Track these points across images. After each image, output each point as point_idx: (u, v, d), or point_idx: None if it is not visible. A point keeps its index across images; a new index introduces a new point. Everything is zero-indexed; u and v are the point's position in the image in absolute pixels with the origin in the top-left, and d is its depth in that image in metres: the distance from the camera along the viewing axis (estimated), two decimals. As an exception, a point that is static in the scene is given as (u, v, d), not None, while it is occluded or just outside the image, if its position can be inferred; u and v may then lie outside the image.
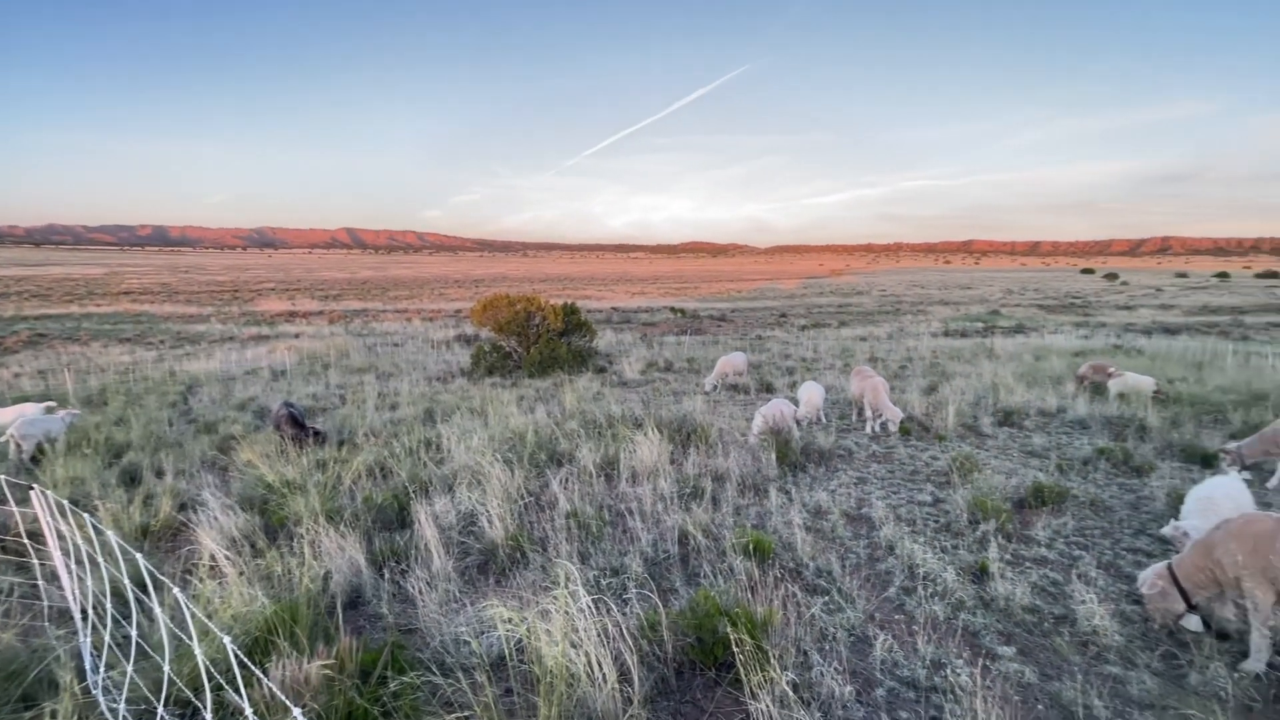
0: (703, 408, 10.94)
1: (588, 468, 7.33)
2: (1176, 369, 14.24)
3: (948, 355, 19.72)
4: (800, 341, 27.33)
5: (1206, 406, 10.37)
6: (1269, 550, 3.73)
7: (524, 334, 18.69)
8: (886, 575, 5.00)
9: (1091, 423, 9.93)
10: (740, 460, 7.74)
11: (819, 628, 4.21)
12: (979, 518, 5.89)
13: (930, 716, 3.40)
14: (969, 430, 9.88)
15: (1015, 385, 12.65)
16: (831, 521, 6.01)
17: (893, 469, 7.94)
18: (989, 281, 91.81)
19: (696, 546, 5.35)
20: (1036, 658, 3.95)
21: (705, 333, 34.25)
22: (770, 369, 18.11)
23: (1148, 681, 3.67)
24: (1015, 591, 4.55)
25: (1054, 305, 45.85)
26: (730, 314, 47.08)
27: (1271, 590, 3.74)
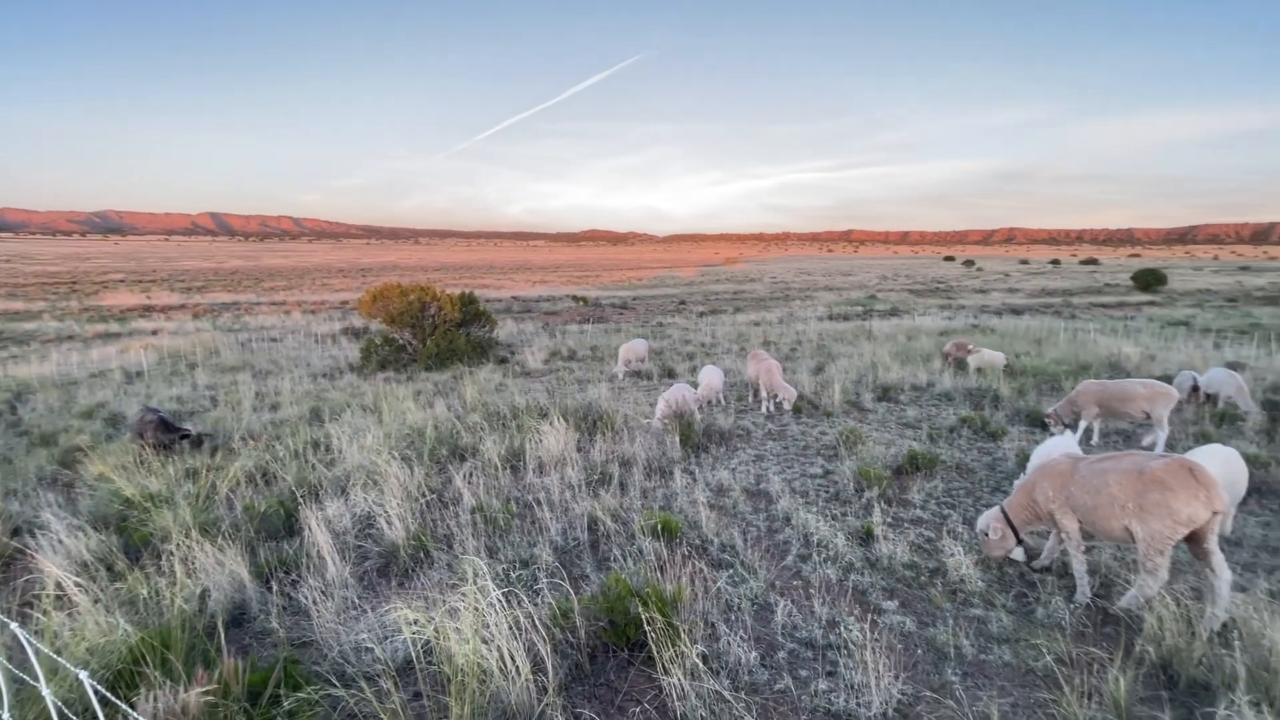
0: (608, 395, 11.01)
1: (492, 460, 7.17)
2: (1021, 345, 16.14)
3: (833, 337, 21.11)
4: (699, 327, 28.13)
5: (1045, 376, 11.85)
6: (1069, 484, 4.44)
7: (418, 325, 17.85)
8: (784, 545, 5.31)
9: (955, 395, 11.04)
10: (645, 444, 7.89)
11: (725, 600, 4.41)
12: (864, 486, 6.40)
13: (827, 672, 3.67)
14: (853, 406, 10.66)
15: (891, 363, 13.78)
16: (733, 498, 6.29)
17: (787, 445, 8.41)
18: (867, 268, 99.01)
19: (606, 531, 5.41)
20: (915, 609, 4.38)
21: (608, 320, 34.36)
22: (672, 355, 18.52)
23: (1004, 619, 4.17)
24: (896, 551, 5.00)
25: (922, 290, 50.27)
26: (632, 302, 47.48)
27: (1074, 519, 4.44)
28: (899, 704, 3.37)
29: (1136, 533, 4.07)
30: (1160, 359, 13.86)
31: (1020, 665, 3.71)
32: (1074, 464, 4.56)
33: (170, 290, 49.19)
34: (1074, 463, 4.57)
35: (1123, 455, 4.38)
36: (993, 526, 4.78)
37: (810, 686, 3.52)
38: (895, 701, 3.36)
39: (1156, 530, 3.97)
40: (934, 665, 3.76)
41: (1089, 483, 4.33)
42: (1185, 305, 33.08)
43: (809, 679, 3.59)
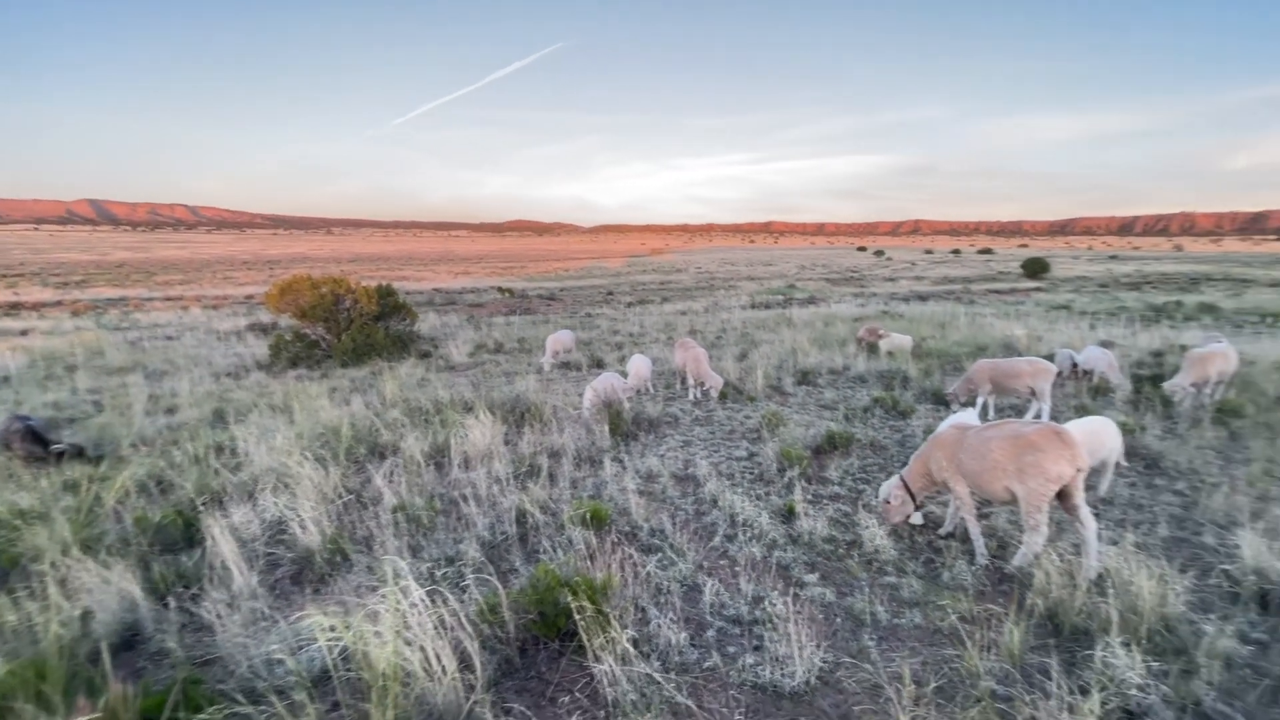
0: (536, 387, 10.87)
1: (415, 457, 6.91)
2: (927, 329, 17.21)
3: (755, 325, 21.72)
4: (627, 318, 28.20)
5: (948, 358, 12.69)
6: (958, 452, 4.86)
7: (333, 320, 16.91)
8: (712, 526, 5.43)
9: (869, 377, 11.64)
10: (575, 435, 7.85)
11: (655, 583, 4.46)
12: (785, 466, 6.63)
13: (754, 646, 3.80)
14: (775, 390, 11.02)
15: (810, 349, 14.36)
16: (662, 483, 6.37)
17: (713, 430, 8.60)
18: (787, 259, 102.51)
19: (535, 524, 5.35)
20: (834, 580, 4.59)
21: (535, 312, 33.84)
22: (600, 345, 18.47)
23: (915, 584, 4.45)
24: (816, 526, 5.22)
25: (838, 279, 52.58)
26: (559, 293, 46.96)
27: (965, 484, 4.86)
28: (820, 671, 3.53)
29: (1017, 492, 4.51)
30: (1045, 339, 15.17)
31: (929, 626, 3.97)
32: (962, 434, 4.97)
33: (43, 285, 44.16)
34: (962, 433, 4.99)
35: (1002, 424, 4.82)
36: (893, 494, 5.21)
37: (738, 662, 3.63)
38: (817, 670, 3.52)
39: (1033, 488, 4.41)
40: (852, 632, 3.96)
41: (975, 450, 4.74)
42: (1066, 291, 36.32)
43: (736, 654, 3.70)
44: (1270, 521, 5.08)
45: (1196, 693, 3.22)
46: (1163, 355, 13.07)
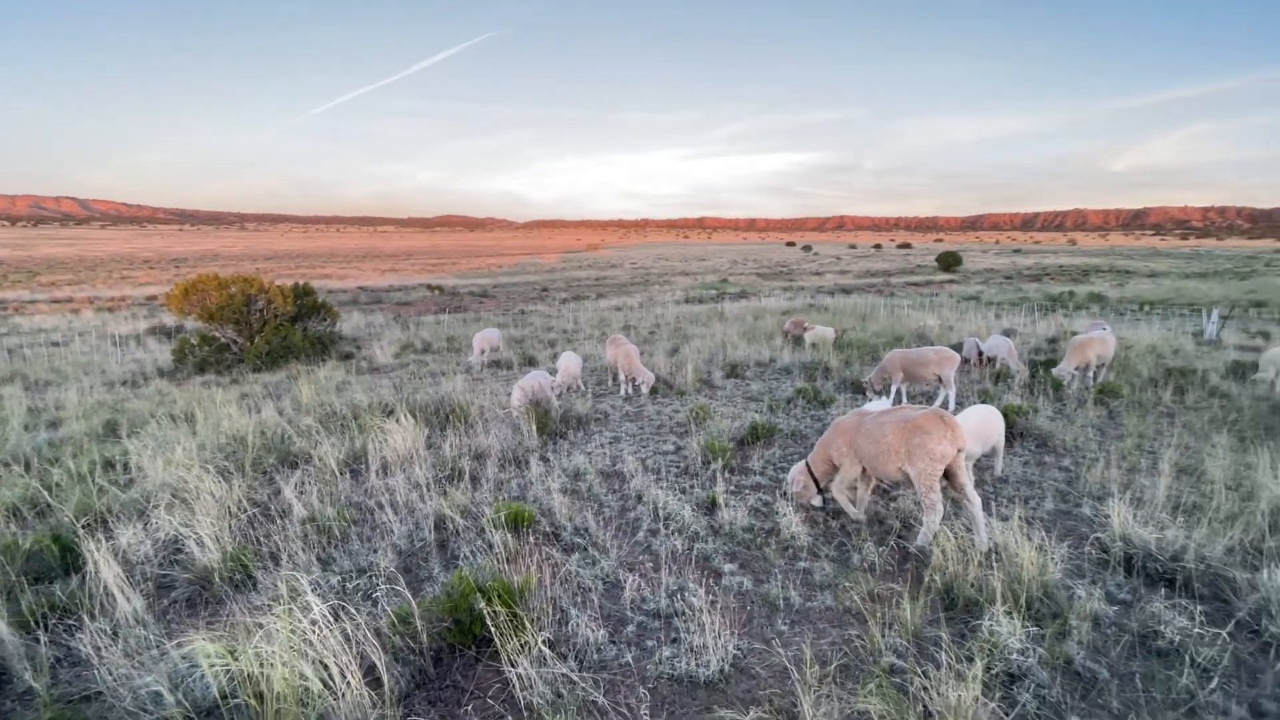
0: (463, 387, 10.62)
1: (329, 465, 6.61)
2: (849, 320, 17.95)
3: (688, 320, 22.03)
4: (562, 314, 27.99)
5: (867, 348, 13.28)
6: (856, 437, 5.17)
7: (244, 321, 15.92)
8: (636, 522, 5.48)
9: (793, 369, 12.03)
10: (501, 435, 7.72)
11: (577, 582, 4.46)
12: (710, 458, 6.77)
13: (671, 639, 3.85)
14: (704, 384, 11.22)
15: (739, 342, 14.69)
16: (589, 481, 6.36)
17: (643, 426, 8.67)
18: (720, 254, 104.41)
19: (455, 529, 5.23)
20: (752, 568, 4.73)
21: (467, 310, 33.05)
22: (533, 342, 18.25)
23: (827, 568, 4.64)
24: (736, 516, 5.35)
25: (768, 273, 54.04)
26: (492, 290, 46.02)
27: (857, 465, 5.20)
28: (735, 659, 3.62)
29: (910, 473, 4.84)
30: (956, 329, 16.14)
31: (838, 607, 4.15)
32: (859, 420, 5.28)
33: (-102, 288, 39.35)
34: (859, 419, 5.29)
35: (895, 410, 5.14)
36: (797, 479, 5.52)
37: (655, 655, 3.68)
38: (731, 657, 3.61)
39: (922, 469, 4.74)
40: (767, 618, 4.09)
41: (871, 435, 5.05)
42: (976, 283, 38.76)
43: (654, 648, 3.75)
44: (1136, 491, 5.61)
45: (1069, 652, 3.51)
46: (1057, 342, 14.16)
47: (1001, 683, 3.33)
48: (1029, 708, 3.17)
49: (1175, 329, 16.20)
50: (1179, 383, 9.67)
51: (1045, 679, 3.34)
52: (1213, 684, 3.27)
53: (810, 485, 5.51)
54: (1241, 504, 5.13)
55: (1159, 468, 5.88)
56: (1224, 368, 10.87)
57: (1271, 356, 9.55)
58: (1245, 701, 3.18)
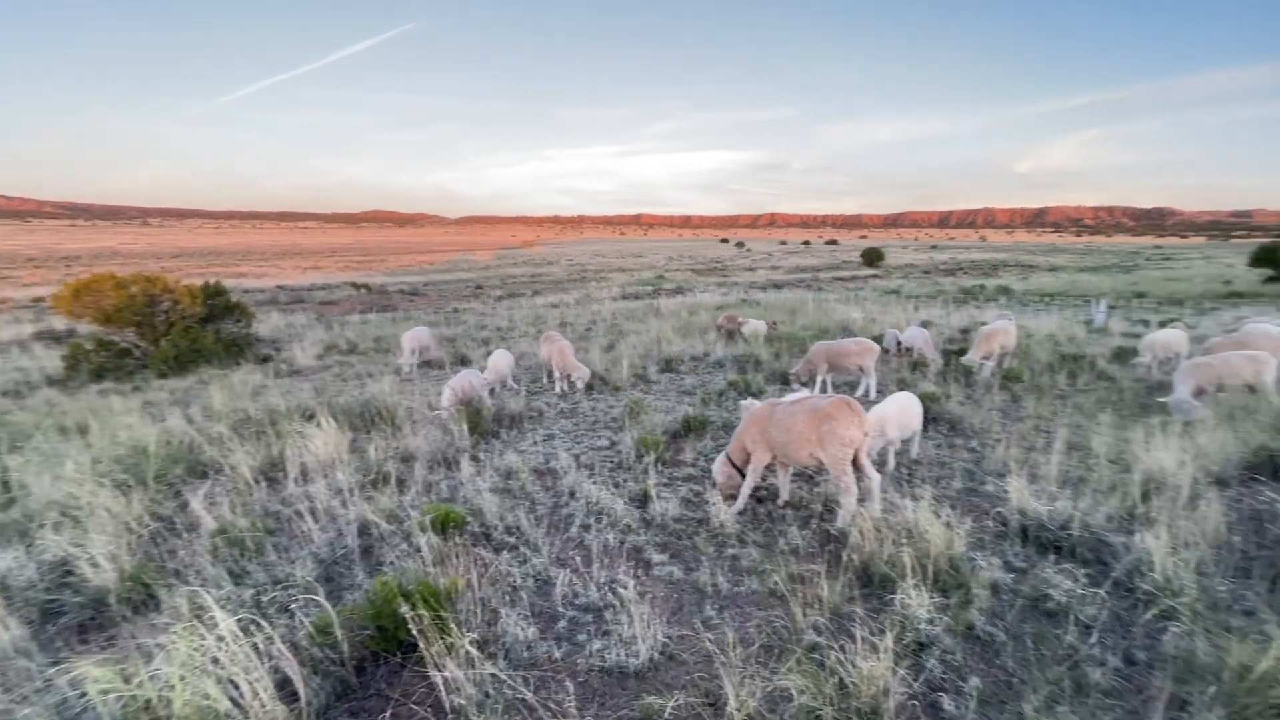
0: (390, 388, 10.28)
1: (243, 474, 6.26)
2: (780, 314, 18.50)
3: (625, 316, 22.11)
4: (497, 312, 27.47)
5: (796, 341, 13.73)
6: (768, 426, 5.37)
7: (147, 324, 14.80)
8: (569, 518, 5.48)
9: (726, 362, 12.30)
10: (431, 437, 7.54)
11: (508, 581, 4.42)
12: (644, 452, 6.84)
13: (603, 632, 3.89)
14: (640, 379, 11.31)
15: (674, 337, 14.89)
16: (521, 479, 6.30)
17: (578, 422, 8.65)
18: (656, 250, 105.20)
19: (380, 534, 5.07)
20: (683, 557, 4.82)
21: (396, 309, 31.94)
22: (466, 341, 17.85)
23: (754, 554, 4.79)
24: (668, 508, 5.44)
25: (703, 269, 54.92)
26: (423, 288, 44.63)
27: (768, 453, 5.41)
28: (664, 646, 3.70)
29: (822, 458, 5.09)
30: (878, 321, 16.93)
31: (763, 590, 4.30)
32: (771, 410, 5.48)
33: None
34: (771, 409, 5.49)
35: (805, 399, 5.38)
36: (719, 470, 5.70)
37: (586, 649, 3.70)
38: (661, 645, 3.68)
39: (834, 453, 5.00)
40: (696, 605, 4.19)
41: (783, 424, 5.26)
42: (897, 277, 40.77)
43: (585, 642, 3.77)
44: (1032, 468, 6.08)
45: (971, 619, 3.78)
46: (968, 332, 15.11)
47: (911, 651, 3.55)
48: (935, 672, 3.40)
49: (1070, 318, 17.60)
50: (1071, 367, 10.54)
51: (950, 645, 3.59)
52: (1093, 639, 3.60)
53: (733, 475, 5.68)
54: (1120, 475, 5.65)
55: (1053, 445, 6.39)
56: (1109, 353, 11.92)
57: (1149, 342, 10.54)
58: (1119, 652, 3.52)
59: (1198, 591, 3.83)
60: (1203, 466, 5.68)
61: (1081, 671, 3.35)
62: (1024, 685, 3.28)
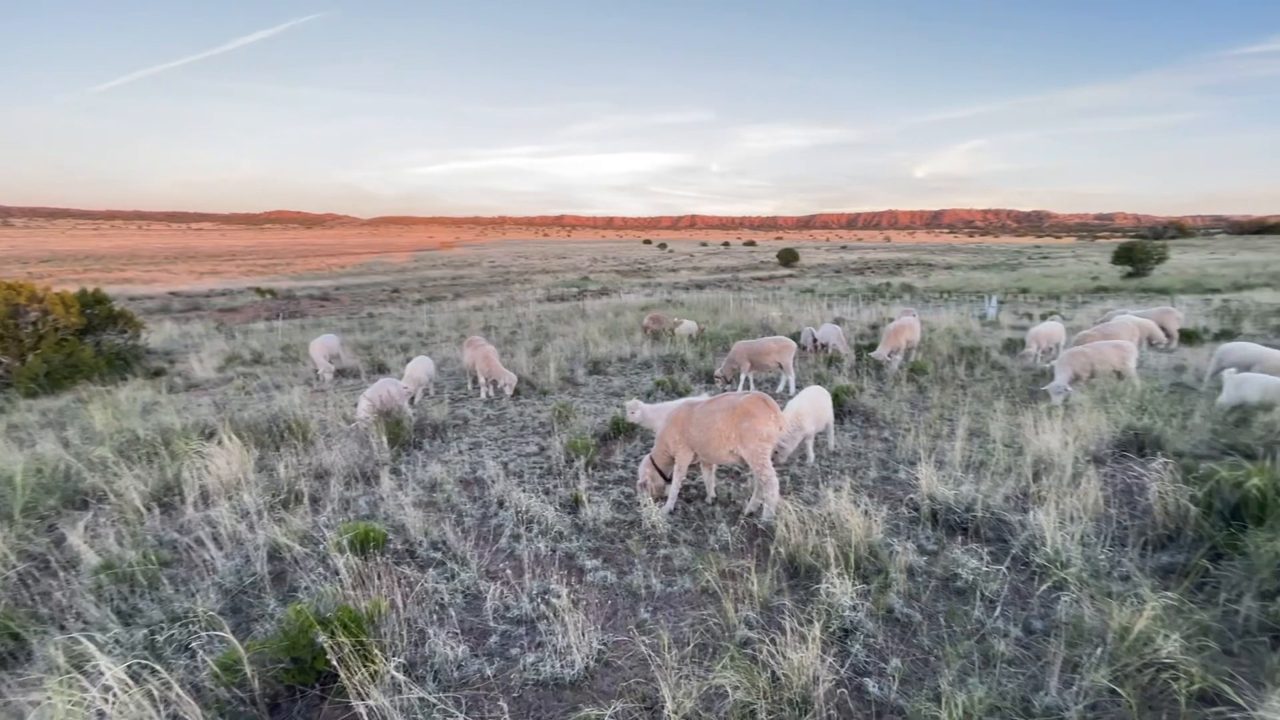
0: (301, 400, 9.67)
1: (132, 501, 5.69)
2: (703, 314, 18.89)
3: (550, 318, 21.86)
4: (415, 316, 26.49)
5: (719, 340, 14.06)
6: (686, 426, 5.50)
7: (11, 337, 13.20)
8: (498, 528, 5.34)
9: (653, 362, 12.42)
10: (347, 450, 7.15)
11: (435, 599, 4.25)
12: (573, 456, 6.78)
13: (536, 644, 3.81)
14: (567, 382, 11.22)
15: (601, 339, 14.86)
16: (446, 492, 6.08)
17: (504, 428, 8.46)
18: (579, 252, 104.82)
19: (293, 558, 4.75)
20: (616, 561, 4.81)
21: (305, 315, 30.17)
22: (383, 347, 17.08)
23: (685, 552, 4.85)
24: (600, 512, 5.41)
25: (627, 270, 55.25)
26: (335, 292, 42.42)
27: (689, 452, 5.52)
28: (599, 653, 3.67)
29: (742, 454, 5.23)
30: (796, 319, 17.60)
31: (696, 588, 4.36)
32: (690, 410, 5.59)
33: None
34: (690, 410, 5.60)
35: (722, 398, 5.51)
36: (643, 472, 5.75)
37: (520, 663, 3.61)
38: (596, 652, 3.65)
39: (754, 449, 5.16)
40: (631, 608, 4.19)
41: (701, 423, 5.39)
42: (811, 277, 42.62)
43: (518, 656, 3.68)
44: (939, 455, 6.51)
45: (890, 602, 3.99)
46: (877, 328, 15.99)
47: (837, 638, 3.71)
48: (859, 656, 3.56)
49: (966, 313, 19.00)
50: (969, 359, 11.37)
51: (872, 629, 3.77)
52: (997, 612, 3.89)
53: (656, 477, 5.74)
54: (1014, 458, 6.15)
55: (956, 433, 6.86)
56: (1001, 344, 12.96)
57: (1034, 333, 11.54)
58: (1020, 623, 3.82)
59: (1083, 562, 4.22)
60: (1082, 446, 6.27)
61: (988, 644, 3.61)
62: (939, 661, 3.50)
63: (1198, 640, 3.35)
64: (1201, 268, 41.57)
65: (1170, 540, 4.56)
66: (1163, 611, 3.39)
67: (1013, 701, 3.10)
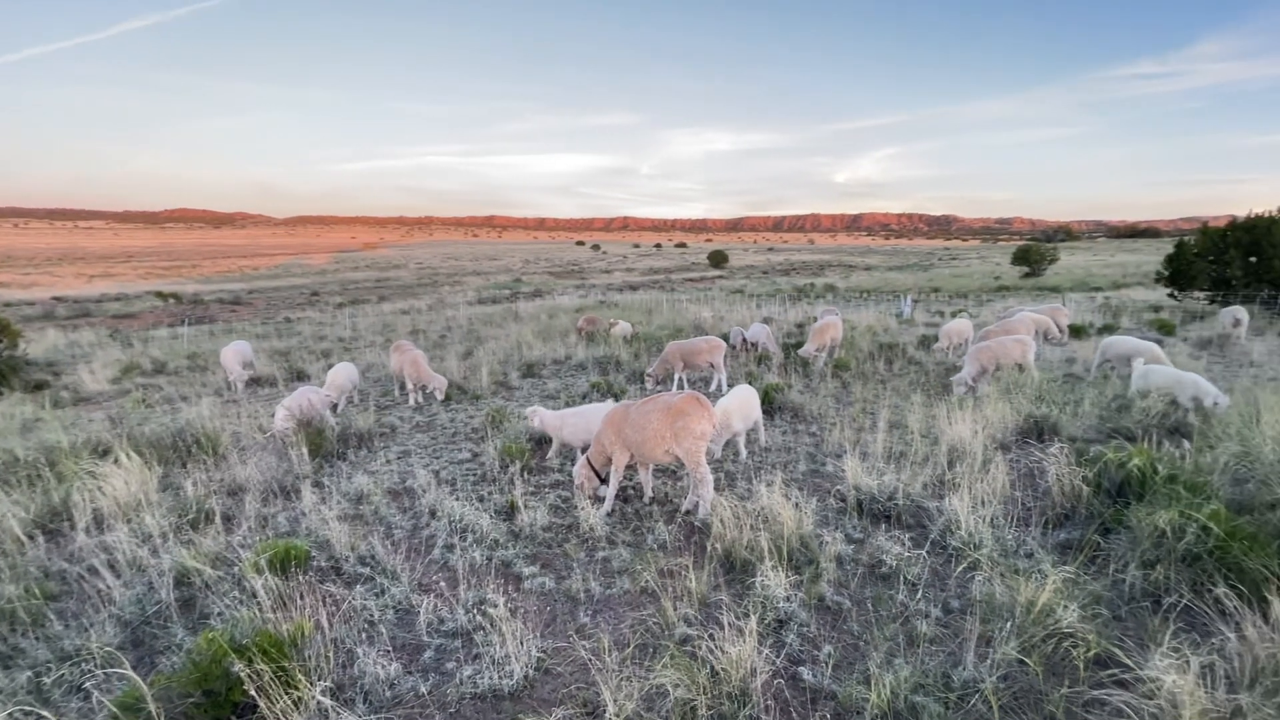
0: (212, 412, 9.03)
1: (10, 530, 5.13)
2: (637, 315, 19.02)
3: (482, 321, 21.40)
4: (337, 320, 25.29)
5: (653, 341, 14.19)
6: (622, 426, 5.54)
7: None
8: (431, 539, 5.17)
9: (588, 364, 12.37)
10: (264, 464, 6.72)
11: (364, 617, 4.06)
12: (508, 462, 6.65)
13: (474, 655, 3.71)
14: (500, 386, 11.01)
15: (535, 341, 14.68)
16: (374, 503, 5.83)
17: (435, 435, 8.20)
18: (511, 253, 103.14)
19: (205, 582, 4.42)
20: (554, 566, 4.76)
21: (215, 320, 28.22)
22: (303, 354, 16.22)
23: (624, 554, 4.85)
24: (536, 517, 5.33)
25: (560, 272, 54.85)
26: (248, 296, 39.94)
27: (626, 453, 5.56)
28: (539, 661, 3.61)
29: (678, 453, 5.30)
30: (727, 319, 18.01)
31: (635, 589, 4.37)
32: (625, 412, 5.63)
33: None
34: (625, 411, 5.64)
35: (657, 397, 5.58)
36: (578, 474, 5.76)
37: (456, 677, 3.51)
38: (535, 660, 3.60)
39: (689, 447, 5.25)
40: (570, 613, 4.15)
41: (636, 424, 5.44)
42: (740, 278, 43.75)
43: (454, 670, 3.57)
44: (863, 447, 6.83)
45: (821, 591, 4.15)
46: (804, 326, 16.59)
47: (773, 629, 3.81)
48: (794, 646, 3.68)
49: (884, 311, 20.05)
50: (888, 355, 11.99)
51: (805, 618, 3.90)
52: (919, 595, 4.12)
53: (593, 477, 5.75)
54: (930, 448, 6.53)
55: (878, 425, 7.21)
56: (916, 341, 13.75)
57: (945, 330, 12.30)
58: (939, 603, 4.05)
59: (993, 542, 4.52)
60: (990, 435, 6.74)
61: (912, 625, 3.81)
62: (867, 645, 3.67)
63: (1092, 609, 3.67)
64: (1087, 268, 45.69)
65: (1067, 518, 4.97)
66: (1062, 584, 3.69)
67: (934, 678, 3.29)
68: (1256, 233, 18.63)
